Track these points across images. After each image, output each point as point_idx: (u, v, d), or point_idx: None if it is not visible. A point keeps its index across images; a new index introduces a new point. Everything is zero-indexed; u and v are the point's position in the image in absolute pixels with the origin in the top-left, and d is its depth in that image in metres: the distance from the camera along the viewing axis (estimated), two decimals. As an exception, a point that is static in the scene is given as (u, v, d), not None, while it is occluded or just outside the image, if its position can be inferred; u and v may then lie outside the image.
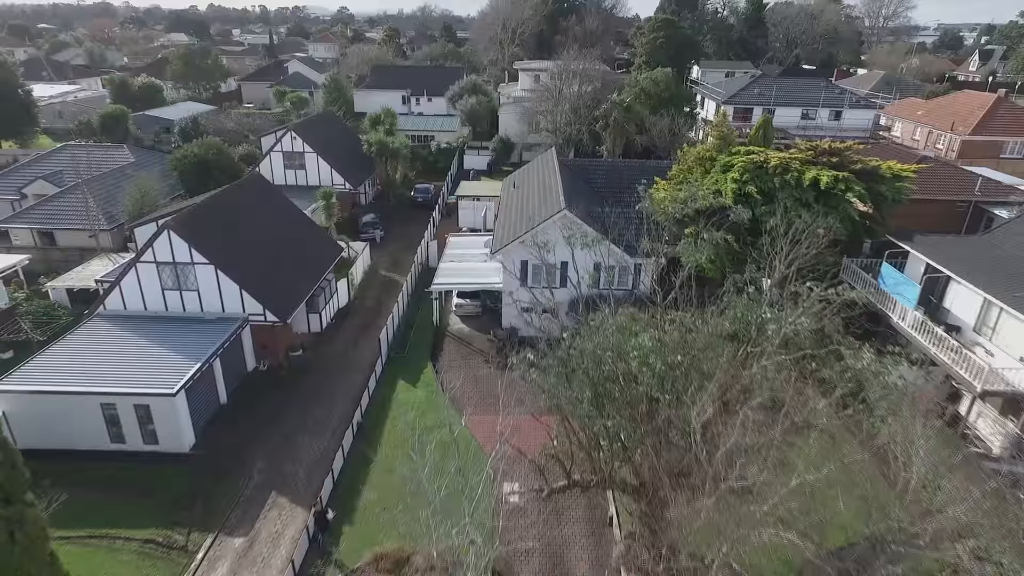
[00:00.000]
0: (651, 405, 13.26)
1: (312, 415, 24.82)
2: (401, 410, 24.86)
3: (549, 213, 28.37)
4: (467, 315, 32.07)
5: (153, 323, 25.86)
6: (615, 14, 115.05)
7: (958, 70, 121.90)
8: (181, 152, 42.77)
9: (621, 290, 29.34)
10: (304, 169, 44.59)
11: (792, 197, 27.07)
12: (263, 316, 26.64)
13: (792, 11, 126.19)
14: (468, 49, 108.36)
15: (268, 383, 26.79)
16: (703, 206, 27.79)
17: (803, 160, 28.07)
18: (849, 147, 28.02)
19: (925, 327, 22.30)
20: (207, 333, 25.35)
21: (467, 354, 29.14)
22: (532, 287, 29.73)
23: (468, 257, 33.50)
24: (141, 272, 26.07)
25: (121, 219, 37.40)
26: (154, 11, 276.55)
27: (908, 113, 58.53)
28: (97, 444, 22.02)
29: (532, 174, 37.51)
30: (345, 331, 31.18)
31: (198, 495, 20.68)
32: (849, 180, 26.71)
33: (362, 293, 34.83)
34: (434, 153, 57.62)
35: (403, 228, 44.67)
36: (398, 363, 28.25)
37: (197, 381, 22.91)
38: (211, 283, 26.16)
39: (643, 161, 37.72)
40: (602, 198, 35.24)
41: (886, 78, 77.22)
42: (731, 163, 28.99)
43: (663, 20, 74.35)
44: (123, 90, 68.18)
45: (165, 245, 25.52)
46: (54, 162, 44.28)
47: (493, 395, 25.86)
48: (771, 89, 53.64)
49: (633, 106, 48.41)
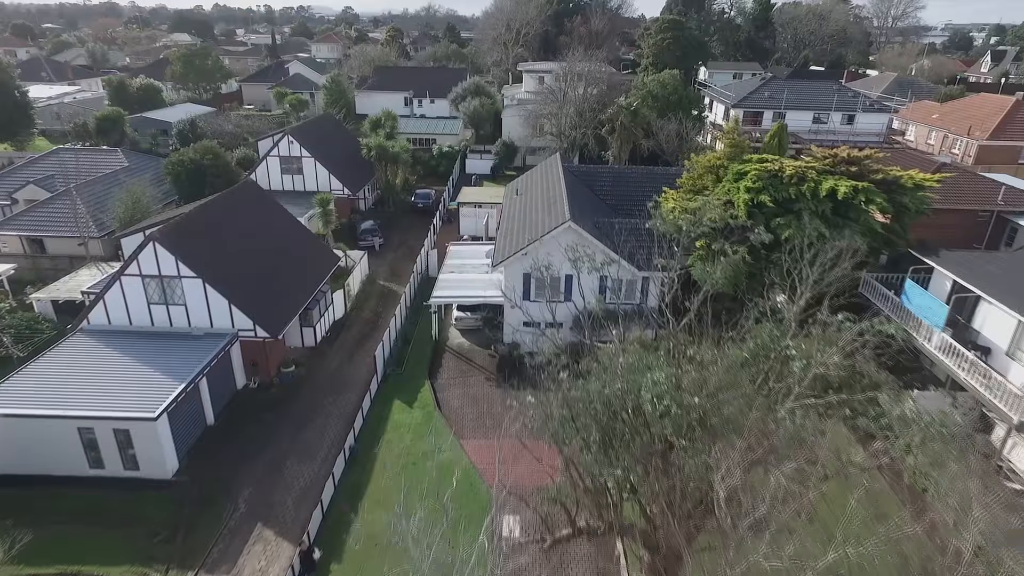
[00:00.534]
0: (666, 450, 11.99)
1: (303, 437, 23.61)
2: (397, 433, 23.62)
3: (553, 224, 27.09)
4: (467, 329, 30.82)
5: (138, 339, 24.69)
6: (621, 14, 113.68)
7: (969, 71, 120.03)
8: (176, 157, 41.65)
9: (628, 304, 28.05)
10: (301, 174, 43.43)
11: (808, 208, 25.73)
12: (253, 332, 25.46)
13: (800, 11, 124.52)
14: (472, 50, 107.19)
15: (258, 402, 25.60)
16: (715, 217, 26.53)
17: (820, 169, 26.70)
18: (869, 156, 26.63)
19: (953, 350, 20.91)
20: (194, 350, 24.16)
21: (467, 371, 27.89)
22: (535, 301, 28.63)
23: (469, 268, 32.25)
24: (126, 285, 24.92)
25: (112, 226, 36.29)
26: (159, 11, 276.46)
27: (922, 116, 56.98)
28: (75, 470, 20.86)
29: (535, 181, 36.24)
30: (340, 345, 29.97)
31: (180, 526, 19.49)
32: (869, 191, 25.32)
33: (359, 304, 33.61)
34: (436, 157, 56.39)
35: (403, 235, 43.48)
36: (394, 381, 27.02)
37: (181, 402, 21.73)
38: (199, 297, 24.98)
39: (650, 168, 36.40)
40: (608, 207, 34.00)
41: (898, 80, 75.56)
42: (744, 171, 27.62)
43: (670, 21, 72.94)
44: (121, 91, 67.17)
45: (151, 257, 24.35)
46: (46, 166, 43.28)
47: (493, 415, 24.70)
48: (782, 92, 52.19)
49: (640, 110, 47.04)
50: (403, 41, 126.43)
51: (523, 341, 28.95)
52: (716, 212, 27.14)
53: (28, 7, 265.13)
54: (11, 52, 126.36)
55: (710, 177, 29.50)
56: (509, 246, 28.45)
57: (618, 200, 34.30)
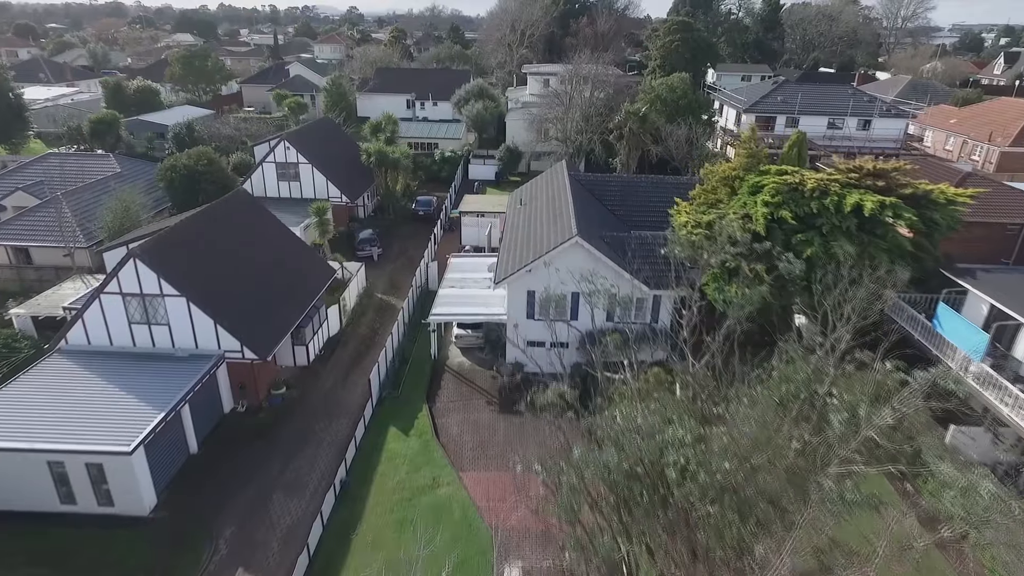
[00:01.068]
0: (689, 517, 10.45)
1: (292, 468, 22.12)
2: (391, 465, 22.11)
3: (559, 239, 25.55)
4: (468, 347, 29.31)
5: (118, 361, 23.27)
6: (627, 15, 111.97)
7: (982, 73, 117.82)
8: (169, 163, 40.25)
9: (638, 323, 26.47)
10: (298, 181, 41.99)
11: (832, 224, 24.12)
12: (241, 353, 24.00)
13: (810, 12, 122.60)
14: (476, 51, 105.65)
15: (246, 427, 24.13)
16: (736, 234, 24.93)
17: (843, 182, 25.08)
18: (896, 168, 24.99)
19: (995, 383, 19.28)
20: (177, 374, 22.73)
21: (467, 394, 26.37)
22: (539, 320, 27.11)
23: (470, 282, 30.75)
24: (106, 304, 23.51)
25: (100, 236, 34.91)
26: (165, 11, 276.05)
27: (940, 121, 55.22)
28: (45, 505, 19.45)
29: (540, 190, 34.70)
30: (335, 364, 28.50)
31: (156, 569, 18.05)
32: (898, 206, 23.67)
33: (355, 320, 32.13)
34: (438, 162, 54.88)
35: (403, 244, 42.02)
36: (390, 404, 25.52)
37: (161, 432, 20.28)
38: (183, 317, 23.54)
39: (660, 177, 34.77)
40: (617, 218, 32.45)
41: (912, 83, 73.66)
42: (761, 184, 26.02)
43: (680, 22, 71.24)
44: (118, 93, 65.87)
45: (131, 275, 22.93)
46: (36, 172, 41.95)
47: (495, 444, 23.21)
48: (795, 96, 50.48)
49: (649, 115, 45.41)
50: (406, 42, 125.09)
51: (527, 361, 27.50)
52: (735, 229, 25.73)
53: (35, 7, 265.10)
54: (12, 52, 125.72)
55: (725, 189, 27.90)
56: (512, 262, 26.92)
57: (627, 211, 32.73)
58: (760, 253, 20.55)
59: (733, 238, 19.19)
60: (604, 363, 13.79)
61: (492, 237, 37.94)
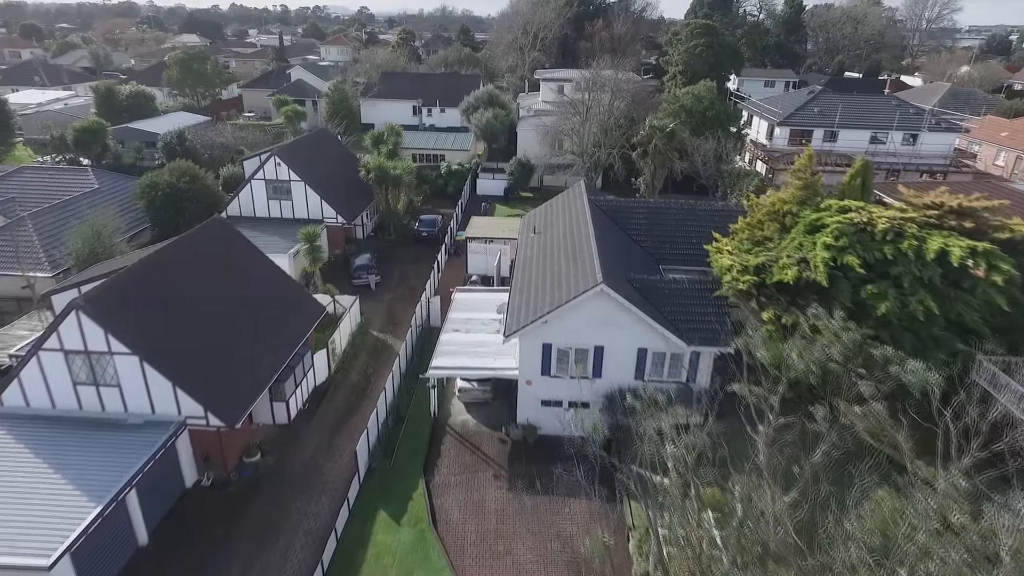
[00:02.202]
0: None
1: (259, 565, 18.40)
2: (378, 564, 18.33)
3: (581, 287, 21.67)
4: (473, 402, 25.53)
5: (59, 429, 19.66)
6: (645, 17, 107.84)
7: (1015, 78, 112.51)
8: (148, 180, 36.76)
9: (673, 383, 22.59)
10: (290, 200, 38.35)
11: (911, 274, 20.11)
12: (205, 420, 20.32)
13: (834, 14, 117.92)
14: (486, 54, 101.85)
15: (209, 507, 20.45)
16: (790, 277, 21.11)
17: (920, 221, 21.05)
18: (989, 206, 20.89)
19: None
20: (127, 447, 19.08)
21: (471, 463, 22.55)
22: (556, 376, 23.29)
23: (476, 324, 26.95)
24: (46, 362, 19.90)
25: (67, 263, 31.44)
26: (177, 10, 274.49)
27: (989, 135, 50.76)
28: (-50, 625, 15.85)
29: (556, 215, 30.85)
30: (319, 422, 24.80)
31: None
32: (992, 254, 19.63)
33: (346, 364, 28.42)
34: (444, 175, 51.06)
35: (404, 269, 38.32)
36: (381, 478, 21.74)
37: (98, 530, 16.64)
38: (136, 377, 19.87)
39: (692, 203, 30.77)
40: (644, 251, 28.54)
41: (953, 91, 68.97)
42: (820, 221, 22.03)
43: (703, 25, 67.05)
44: (109, 99, 62.62)
45: (74, 329, 19.28)
46: (10, 187, 38.60)
47: (503, 535, 19.35)
48: (834, 108, 46.21)
49: (676, 130, 41.36)
50: (415, 44, 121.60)
51: (541, 423, 23.73)
52: (786, 269, 21.79)
53: (48, 7, 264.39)
54: (15, 53, 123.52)
55: (773, 225, 23.90)
56: (525, 310, 23.05)
57: (655, 243, 28.81)
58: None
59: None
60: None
61: (501, 267, 34.12)
